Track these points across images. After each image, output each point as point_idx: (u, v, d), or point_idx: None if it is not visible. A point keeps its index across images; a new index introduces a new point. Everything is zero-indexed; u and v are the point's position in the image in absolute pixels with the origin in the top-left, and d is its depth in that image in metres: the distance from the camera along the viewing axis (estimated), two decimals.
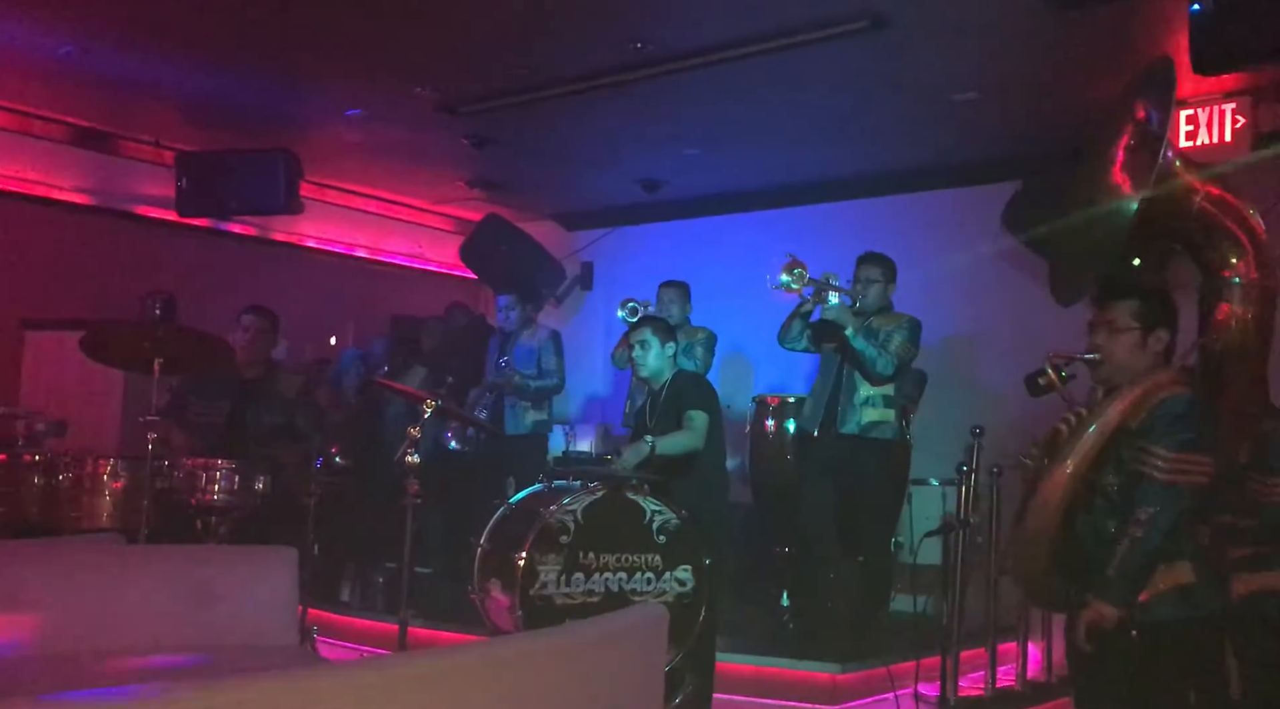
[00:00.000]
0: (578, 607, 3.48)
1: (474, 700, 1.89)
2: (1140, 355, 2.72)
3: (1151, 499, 2.55)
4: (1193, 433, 2.59)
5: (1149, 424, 2.61)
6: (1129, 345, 2.72)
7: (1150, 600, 2.61)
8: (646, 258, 7.75)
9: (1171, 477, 2.55)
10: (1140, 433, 2.62)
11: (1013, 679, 4.90)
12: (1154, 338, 2.72)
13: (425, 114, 6.19)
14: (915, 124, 6.09)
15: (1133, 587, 2.58)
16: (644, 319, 4.38)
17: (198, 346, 4.41)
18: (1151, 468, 2.57)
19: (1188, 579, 2.60)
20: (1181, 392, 2.65)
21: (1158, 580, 2.60)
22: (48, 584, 3.17)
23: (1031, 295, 5.92)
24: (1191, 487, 2.55)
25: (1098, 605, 2.59)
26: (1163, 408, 2.62)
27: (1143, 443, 2.59)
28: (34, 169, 6.66)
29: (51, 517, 4.38)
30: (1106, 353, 2.74)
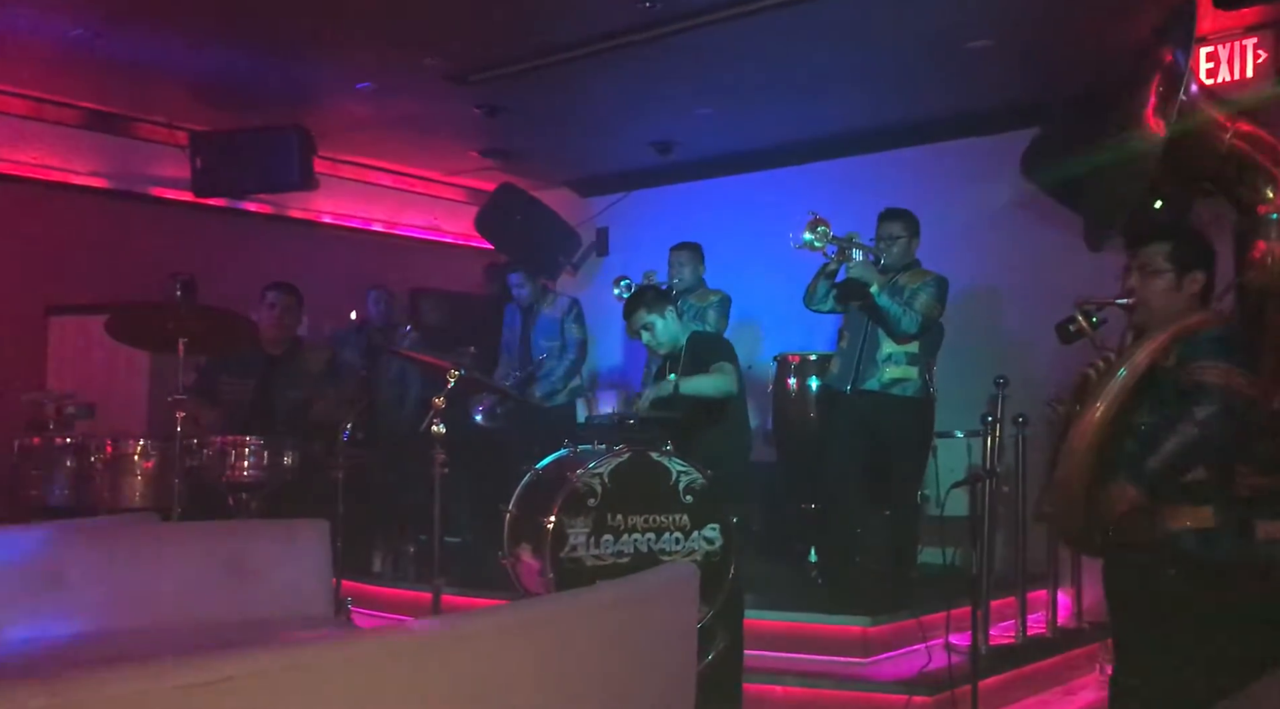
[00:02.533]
0: (608, 568, 3.51)
1: (509, 661, 1.92)
2: (1175, 298, 2.69)
3: (1209, 399, 2.50)
4: (1235, 355, 2.56)
5: (1187, 353, 2.58)
6: (1164, 288, 2.69)
7: (1176, 534, 2.61)
8: (662, 221, 7.71)
9: (1226, 381, 2.51)
10: (1176, 367, 2.59)
11: (1044, 626, 4.92)
12: (1190, 279, 2.69)
13: (435, 85, 6.16)
14: (930, 74, 6.01)
15: (1167, 478, 2.56)
16: (632, 303, 4.24)
17: (220, 325, 4.44)
18: (1204, 375, 2.52)
19: (1207, 523, 2.59)
20: (1216, 325, 2.63)
21: (1179, 517, 2.59)
22: (86, 563, 3.23)
23: (1053, 243, 5.88)
24: (1243, 397, 2.51)
25: (1124, 486, 2.57)
26: (1198, 337, 2.59)
27: (1192, 363, 2.55)
28: (49, 154, 6.69)
29: (85, 498, 4.44)
30: (1141, 296, 2.71)
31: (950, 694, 3.85)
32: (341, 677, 1.65)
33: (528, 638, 1.98)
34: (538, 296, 6.09)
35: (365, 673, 1.71)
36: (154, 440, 4.57)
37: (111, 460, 4.47)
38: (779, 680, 4.16)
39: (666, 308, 4.16)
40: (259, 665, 1.56)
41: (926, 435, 5.09)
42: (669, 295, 4.28)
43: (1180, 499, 2.60)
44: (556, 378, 5.94)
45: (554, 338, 5.98)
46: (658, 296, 4.21)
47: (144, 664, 1.45)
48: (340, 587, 4.62)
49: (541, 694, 1.96)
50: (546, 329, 6.02)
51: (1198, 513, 2.59)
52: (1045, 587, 5.03)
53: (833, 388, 5.05)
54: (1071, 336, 2.70)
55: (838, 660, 4.32)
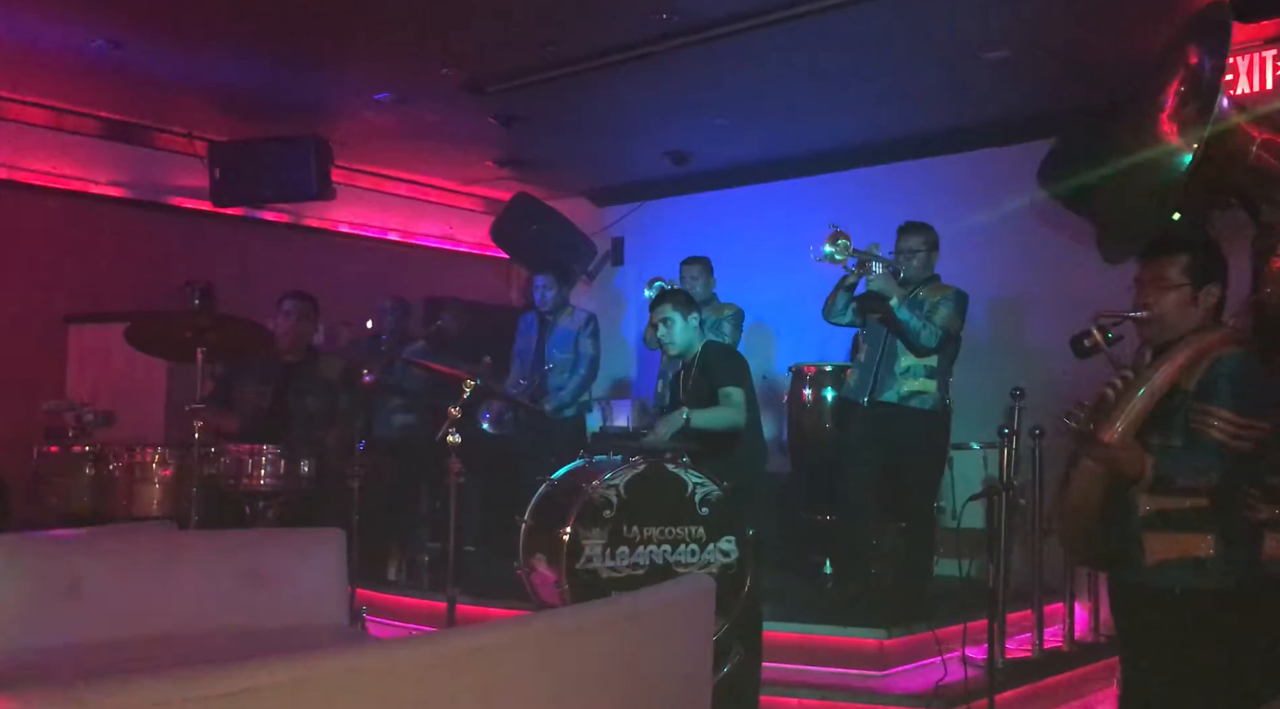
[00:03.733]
0: (623, 580, 3.50)
1: (524, 674, 1.92)
2: (1191, 312, 2.64)
3: (1212, 456, 2.48)
4: (1252, 392, 2.53)
5: (1209, 385, 2.54)
6: (1179, 302, 2.64)
7: (1159, 567, 2.57)
8: (677, 231, 7.73)
9: (1236, 442, 2.47)
10: (1199, 395, 2.55)
11: (1060, 640, 4.89)
12: (1205, 294, 2.65)
13: (452, 95, 6.19)
14: (947, 85, 6.00)
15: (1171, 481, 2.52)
16: (662, 295, 4.35)
17: (238, 334, 4.47)
18: (1210, 428, 2.50)
19: (1204, 552, 2.53)
20: (1235, 350, 2.58)
21: (1172, 548, 2.55)
22: (104, 571, 3.25)
23: (1070, 254, 5.86)
24: (1236, 452, 2.49)
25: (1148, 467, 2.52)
26: (1219, 367, 2.55)
27: (1204, 404, 2.52)
28: (69, 164, 6.75)
29: (104, 505, 4.47)
30: (1156, 310, 2.66)
31: (967, 707, 3.83)
32: (357, 688, 1.66)
33: (543, 650, 1.98)
34: (560, 304, 6.09)
35: (381, 685, 1.71)
36: (172, 449, 4.60)
37: (129, 468, 4.49)
38: (794, 693, 4.14)
39: (691, 313, 4.19)
40: (275, 677, 1.56)
41: (943, 447, 5.07)
42: (696, 305, 4.30)
43: (1180, 526, 2.55)
44: (567, 393, 5.94)
45: (567, 351, 5.98)
46: (689, 300, 4.27)
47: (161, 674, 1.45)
48: (355, 595, 4.64)
49: (557, 707, 1.96)
50: (561, 341, 6.02)
51: (1191, 543, 2.54)
52: (1062, 600, 4.99)
53: (850, 400, 5.04)
54: (1085, 351, 2.65)
55: (853, 673, 4.30)
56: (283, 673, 1.59)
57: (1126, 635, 2.78)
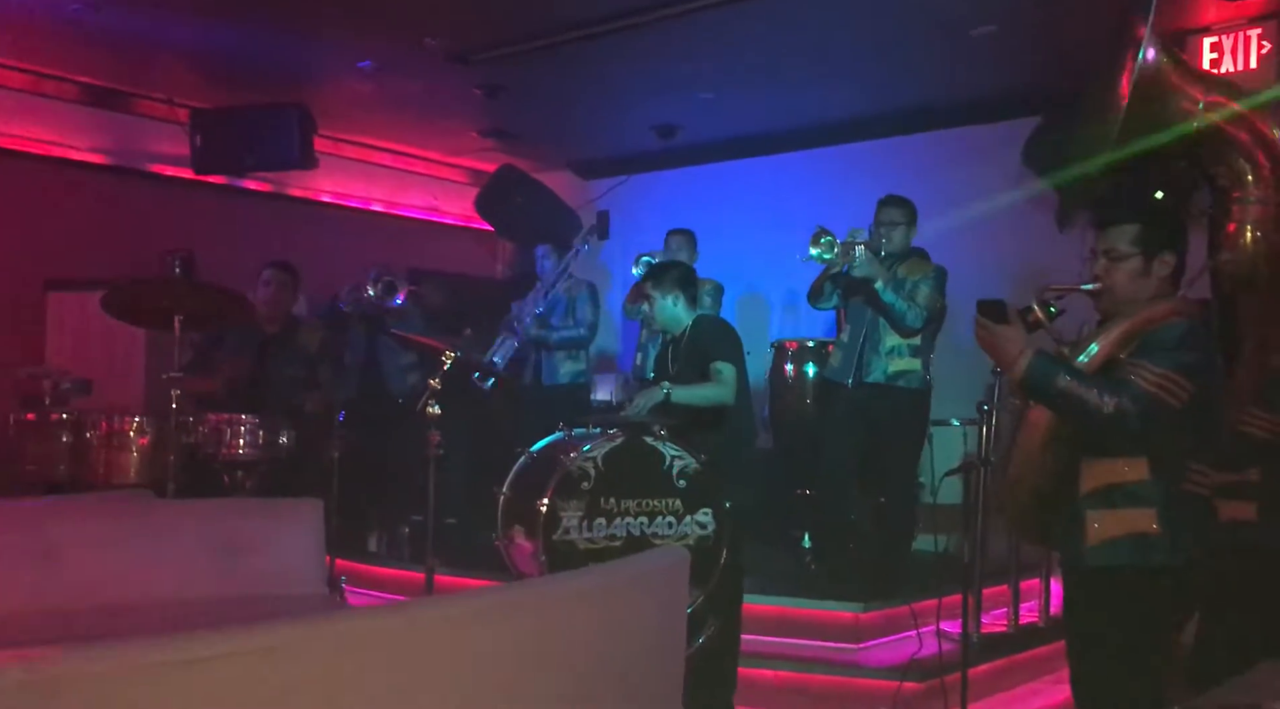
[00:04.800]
0: (600, 551, 3.52)
1: (497, 643, 1.92)
2: (1143, 283, 2.56)
3: (1132, 400, 2.38)
4: (1187, 358, 2.43)
5: (1142, 349, 2.47)
6: (1130, 273, 2.55)
7: (1103, 545, 2.50)
8: (663, 205, 7.71)
9: (1153, 389, 2.39)
10: (1126, 361, 2.47)
11: (1036, 615, 4.93)
12: (1159, 263, 2.55)
13: (436, 64, 6.13)
14: (934, 60, 5.98)
15: (1045, 380, 2.42)
16: (651, 271, 4.31)
17: (217, 302, 4.44)
18: (1137, 376, 2.42)
19: (1148, 528, 2.46)
20: (1178, 320, 2.49)
21: (1116, 525, 2.48)
22: (80, 539, 3.23)
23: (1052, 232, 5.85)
24: (1166, 407, 2.39)
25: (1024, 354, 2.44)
26: (1156, 334, 2.47)
27: (1135, 360, 2.45)
28: (48, 130, 6.66)
29: (80, 473, 4.45)
30: (1107, 282, 2.58)
31: (940, 681, 3.86)
32: (328, 655, 1.65)
33: (515, 620, 1.98)
34: (560, 273, 6.07)
35: (352, 652, 1.71)
36: (150, 417, 4.58)
37: (107, 437, 4.47)
38: (771, 665, 4.18)
39: (673, 292, 4.10)
40: (242, 644, 1.56)
41: (924, 425, 5.09)
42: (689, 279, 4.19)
43: (1122, 502, 2.48)
44: (561, 337, 5.90)
45: (566, 318, 6.00)
46: (674, 278, 4.13)
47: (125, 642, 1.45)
48: (335, 565, 4.64)
49: (530, 675, 1.97)
50: (558, 308, 6.04)
51: (1134, 518, 2.47)
52: (1038, 575, 5.03)
53: (833, 381, 5.05)
54: (1029, 327, 2.53)
55: (830, 646, 4.34)
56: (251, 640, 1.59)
57: (1074, 616, 2.69)
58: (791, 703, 4.09)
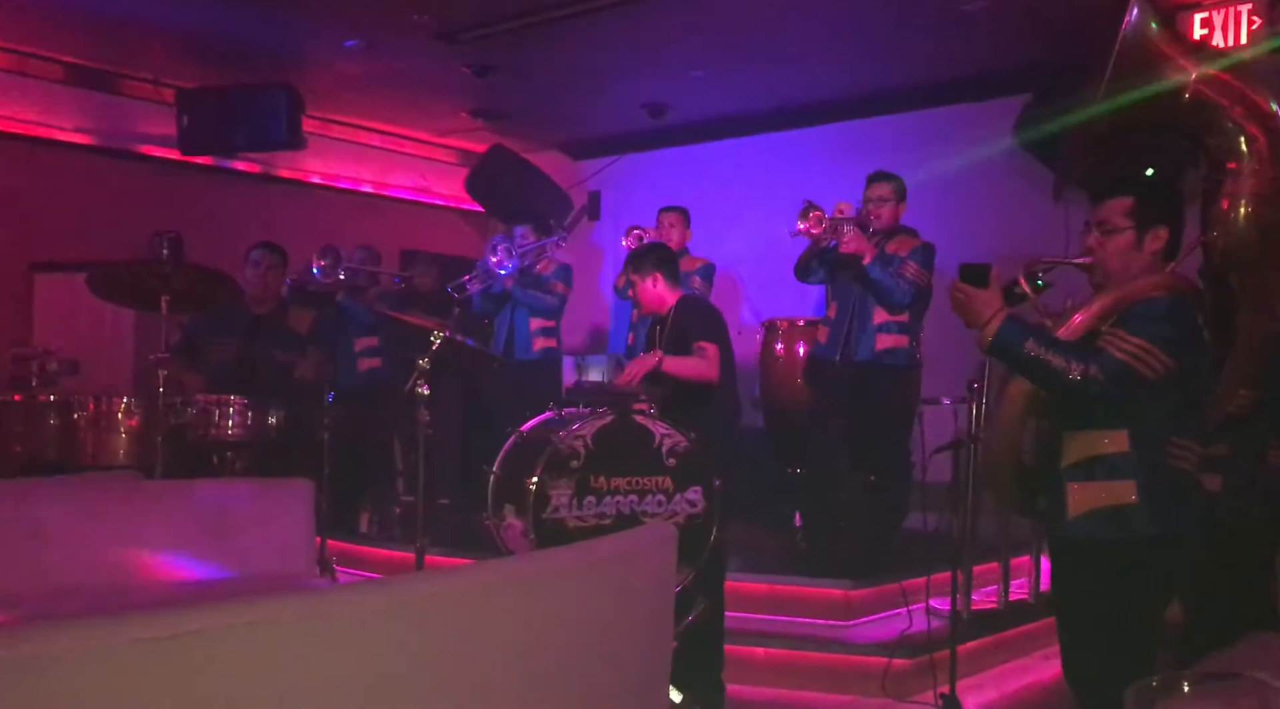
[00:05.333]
0: (590, 529, 3.51)
1: (484, 619, 1.92)
2: (1135, 257, 2.54)
3: (1102, 369, 2.37)
4: (1168, 331, 2.41)
5: (1120, 322, 2.45)
6: (1122, 246, 2.54)
7: (1084, 517, 2.50)
8: (654, 185, 7.67)
9: (1125, 358, 2.37)
10: (1107, 330, 2.46)
11: (1026, 593, 4.95)
12: (1151, 236, 2.53)
13: (425, 43, 6.09)
14: (925, 37, 5.96)
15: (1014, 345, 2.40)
16: (629, 257, 4.32)
17: (204, 283, 4.42)
18: (1109, 344, 2.41)
19: (1127, 499, 2.45)
20: (1163, 295, 2.47)
21: (1096, 496, 2.48)
22: (69, 520, 3.22)
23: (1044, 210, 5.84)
24: (1139, 377, 2.38)
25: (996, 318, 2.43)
26: (1138, 307, 2.45)
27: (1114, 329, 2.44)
28: (33, 110, 6.61)
29: (68, 455, 4.42)
30: (1099, 256, 2.57)
31: (930, 658, 3.88)
32: (310, 632, 1.65)
33: (503, 595, 1.98)
34: (538, 254, 6.03)
35: (338, 629, 1.70)
36: (138, 398, 4.55)
37: (95, 418, 4.45)
38: (761, 642, 4.19)
39: (651, 272, 4.08)
40: (225, 619, 1.55)
41: (913, 402, 5.09)
42: (668, 258, 4.18)
43: (1101, 474, 2.48)
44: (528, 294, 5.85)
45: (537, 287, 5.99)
46: (652, 260, 4.11)
47: (107, 617, 1.44)
48: (325, 546, 4.63)
49: (517, 651, 1.96)
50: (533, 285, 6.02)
51: (1114, 490, 2.46)
52: (1028, 553, 5.05)
53: (821, 358, 5.04)
54: (1015, 300, 2.53)
55: (819, 624, 4.35)
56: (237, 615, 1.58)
57: (1058, 588, 2.71)
58: (782, 680, 4.10)
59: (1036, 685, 4.31)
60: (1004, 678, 4.35)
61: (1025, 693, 4.23)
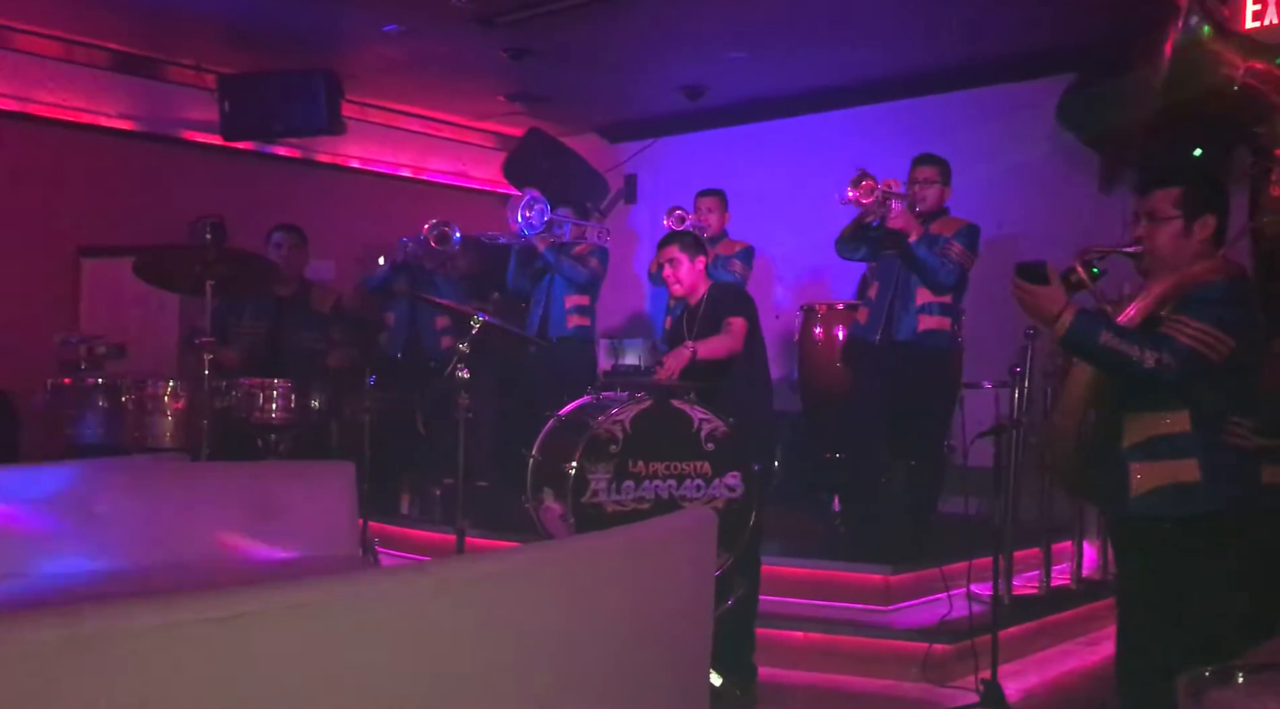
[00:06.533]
0: (628, 513, 3.52)
1: (524, 603, 1.93)
2: (1184, 245, 2.62)
3: (1171, 355, 2.44)
4: (1227, 313, 2.48)
5: (1183, 305, 2.52)
6: (1172, 235, 2.62)
7: (1147, 495, 2.56)
8: (691, 168, 7.63)
9: (1192, 343, 2.45)
10: (1164, 318, 2.53)
11: (1067, 578, 4.91)
12: (1200, 225, 2.61)
13: (462, 27, 6.10)
14: (968, 16, 5.86)
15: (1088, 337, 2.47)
16: (670, 236, 4.30)
17: (247, 268, 4.48)
18: (1174, 331, 2.48)
19: (1190, 477, 2.52)
20: (1219, 278, 2.55)
21: (1158, 475, 2.54)
22: (115, 502, 3.29)
23: (1087, 191, 5.77)
24: (1206, 361, 2.45)
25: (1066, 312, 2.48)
26: (1197, 291, 2.53)
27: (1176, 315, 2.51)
28: (79, 96, 6.69)
29: (116, 438, 4.50)
30: (1149, 244, 2.64)
31: (971, 643, 3.86)
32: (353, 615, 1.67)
33: (542, 580, 1.99)
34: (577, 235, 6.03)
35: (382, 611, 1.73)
36: (183, 382, 4.62)
37: (141, 401, 4.52)
38: (800, 627, 4.20)
39: (698, 255, 4.12)
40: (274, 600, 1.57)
41: (954, 385, 5.05)
42: (703, 246, 4.24)
43: (1164, 453, 2.54)
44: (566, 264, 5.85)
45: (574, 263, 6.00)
46: (696, 242, 4.20)
47: (160, 599, 1.46)
48: (367, 527, 4.68)
49: (557, 635, 1.98)
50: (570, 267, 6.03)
51: (1176, 468, 2.53)
52: (1070, 538, 5.01)
53: (861, 338, 5.01)
54: (1072, 287, 2.59)
55: (858, 608, 4.35)
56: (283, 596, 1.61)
57: (1122, 570, 2.80)
58: (821, 664, 4.10)
59: (1079, 671, 4.28)
60: (1046, 663, 4.32)
61: (1068, 679, 4.21)
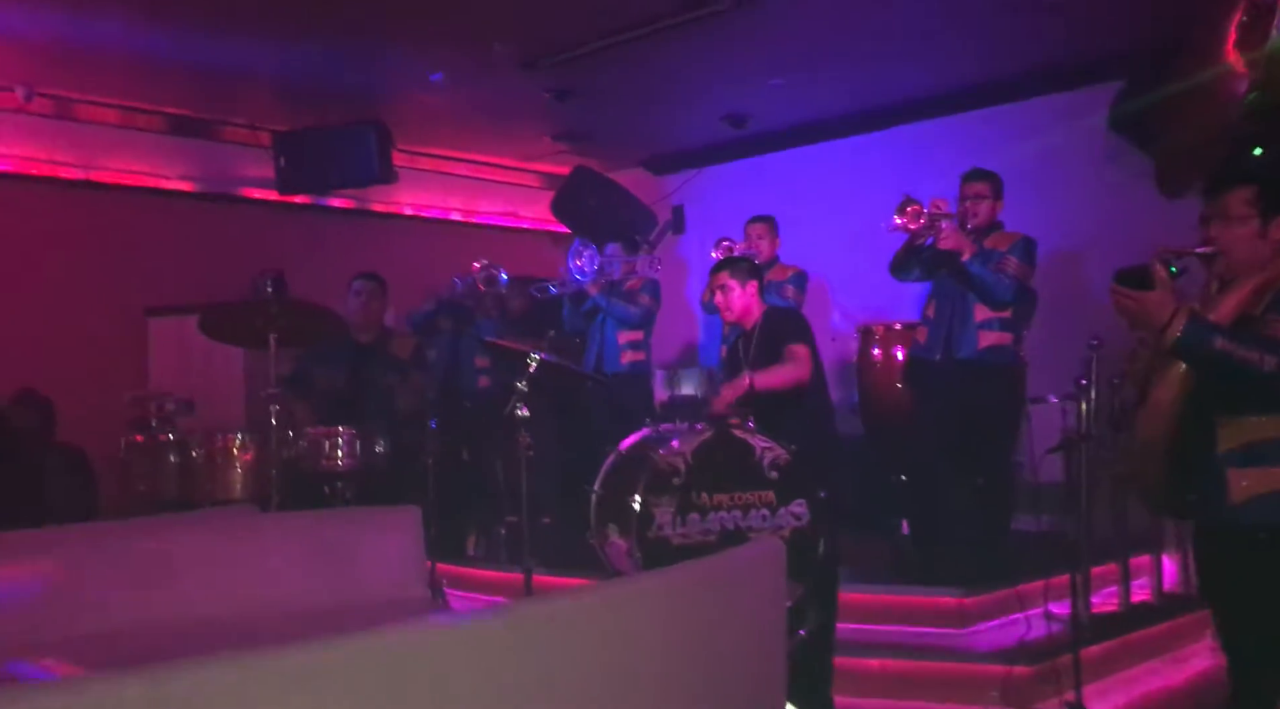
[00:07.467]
0: (695, 547, 3.50)
1: (595, 643, 1.93)
2: (1260, 245, 2.56)
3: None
4: None
5: (1274, 303, 2.46)
6: (1247, 236, 2.56)
7: (1251, 502, 2.48)
8: (738, 196, 7.66)
9: None
10: (1261, 316, 2.47)
11: (1149, 593, 4.78)
12: (1276, 225, 2.56)
13: (505, 72, 6.21)
14: (1008, 29, 5.82)
15: (1203, 343, 2.38)
16: (721, 262, 4.30)
17: (308, 319, 4.55)
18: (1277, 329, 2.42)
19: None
20: None
21: (1263, 482, 2.47)
22: (193, 555, 3.35)
23: (1140, 197, 5.67)
24: None
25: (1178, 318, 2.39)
26: None
27: (1265, 316, 2.45)
28: (140, 161, 6.92)
29: (188, 491, 4.60)
30: (1223, 245, 2.59)
31: (1052, 664, 3.77)
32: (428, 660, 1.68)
33: (613, 618, 1.99)
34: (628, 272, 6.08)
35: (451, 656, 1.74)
36: (251, 433, 4.71)
37: (211, 454, 4.61)
38: (874, 654, 4.12)
39: (749, 280, 4.11)
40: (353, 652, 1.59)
41: (1019, 401, 4.97)
42: (756, 270, 4.23)
43: (1267, 459, 2.46)
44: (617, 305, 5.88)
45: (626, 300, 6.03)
46: (749, 268, 4.19)
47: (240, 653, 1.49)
48: (435, 570, 4.72)
49: (629, 674, 1.97)
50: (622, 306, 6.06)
51: (1272, 476, 2.46)
52: (1149, 551, 4.88)
53: (921, 358, 4.95)
54: (1148, 288, 2.48)
55: (933, 632, 4.26)
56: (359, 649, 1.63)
57: (1218, 585, 2.68)
58: (897, 691, 4.02)
59: (1168, 690, 4.16)
60: (1131, 683, 4.20)
61: (1157, 697, 4.09)
